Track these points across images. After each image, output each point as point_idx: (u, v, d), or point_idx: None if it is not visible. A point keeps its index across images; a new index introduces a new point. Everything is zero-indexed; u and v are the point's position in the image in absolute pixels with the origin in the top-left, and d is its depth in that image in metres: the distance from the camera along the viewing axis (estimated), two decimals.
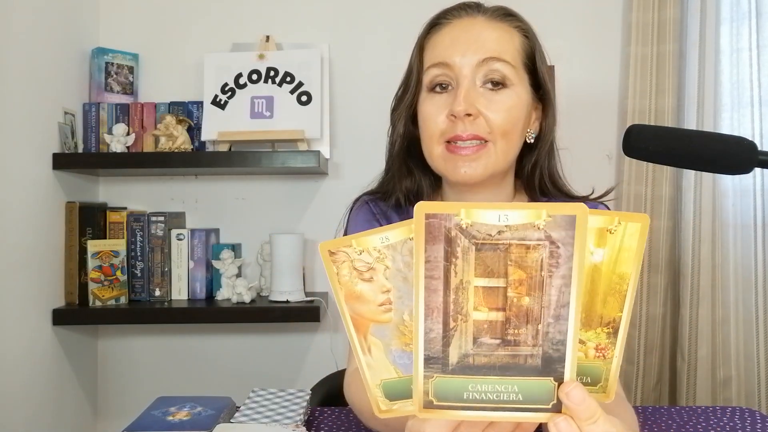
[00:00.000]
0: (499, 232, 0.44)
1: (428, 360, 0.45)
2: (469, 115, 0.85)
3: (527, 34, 0.93)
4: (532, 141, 0.94)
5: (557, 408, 0.45)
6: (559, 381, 0.45)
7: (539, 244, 0.43)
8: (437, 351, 0.45)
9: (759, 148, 0.66)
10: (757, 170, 1.01)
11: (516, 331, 0.45)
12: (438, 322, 0.45)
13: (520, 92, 0.89)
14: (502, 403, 0.45)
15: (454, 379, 0.45)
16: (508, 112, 0.87)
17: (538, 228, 0.43)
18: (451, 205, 0.44)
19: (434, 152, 0.90)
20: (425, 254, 0.44)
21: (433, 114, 0.89)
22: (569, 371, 0.44)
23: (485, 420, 0.47)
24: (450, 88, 0.89)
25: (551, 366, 0.44)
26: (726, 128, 1.83)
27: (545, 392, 0.45)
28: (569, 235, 0.43)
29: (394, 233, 0.49)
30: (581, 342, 0.47)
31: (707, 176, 1.80)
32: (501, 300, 0.44)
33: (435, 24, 0.94)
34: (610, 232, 0.47)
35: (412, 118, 0.96)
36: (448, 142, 0.88)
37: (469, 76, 0.87)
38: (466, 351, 0.45)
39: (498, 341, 0.45)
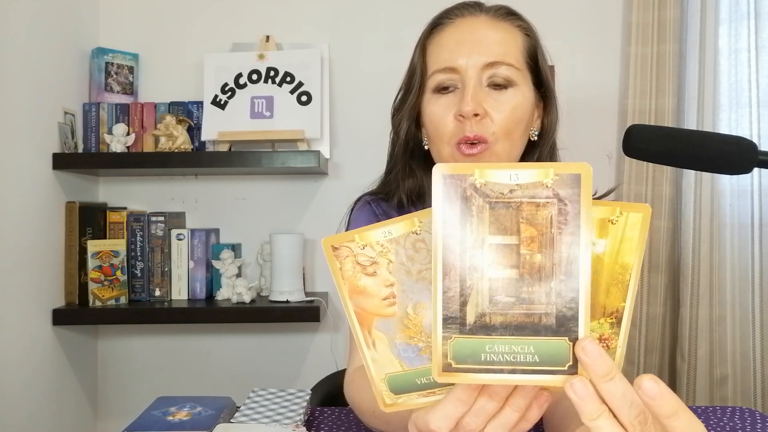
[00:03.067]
0: (511, 191, 0.45)
1: (446, 320, 0.46)
2: (476, 115, 0.86)
3: (529, 33, 0.93)
4: (536, 139, 0.95)
5: (573, 370, 0.45)
6: (574, 341, 0.45)
7: (548, 202, 0.45)
8: (455, 310, 0.46)
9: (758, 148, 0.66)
10: (755, 170, 1.01)
11: (530, 288, 0.45)
12: (456, 280, 0.46)
13: (524, 91, 0.90)
14: (519, 364, 0.45)
15: (471, 340, 0.46)
16: (512, 112, 0.88)
17: (547, 186, 0.45)
18: (467, 166, 0.46)
19: (444, 154, 0.90)
20: (442, 213, 0.46)
21: (441, 115, 0.89)
22: (583, 329, 0.45)
23: (503, 383, 0.47)
24: (455, 88, 0.89)
25: (565, 325, 0.45)
26: (724, 129, 1.84)
27: (561, 352, 0.45)
28: (575, 193, 0.45)
29: (397, 227, 0.49)
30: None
31: (707, 176, 1.81)
32: (515, 257, 0.45)
33: (437, 24, 0.94)
34: (612, 223, 0.47)
35: (415, 119, 0.96)
36: (458, 143, 0.88)
37: (475, 77, 0.87)
38: (482, 310, 0.46)
39: (513, 299, 0.46)
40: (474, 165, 0.46)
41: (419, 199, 0.99)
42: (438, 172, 0.46)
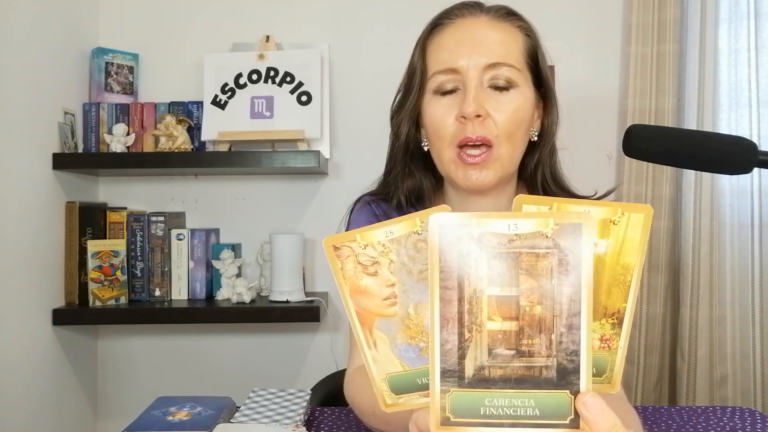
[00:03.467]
0: (510, 241, 0.45)
1: (444, 373, 0.46)
2: (478, 116, 0.86)
3: (529, 33, 0.93)
4: (536, 139, 0.95)
5: (575, 424, 0.45)
6: (575, 394, 0.45)
7: (548, 252, 0.44)
8: (453, 363, 0.46)
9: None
10: (755, 170, 1.01)
11: (530, 341, 0.45)
12: (453, 333, 0.45)
13: (525, 92, 0.90)
14: (519, 418, 0.45)
15: (470, 393, 0.45)
16: (514, 113, 0.87)
17: (546, 236, 0.44)
18: (464, 216, 0.45)
19: (445, 156, 0.90)
20: (440, 264, 0.45)
21: (442, 117, 0.89)
22: (585, 383, 0.44)
23: None
24: (456, 89, 0.89)
25: (566, 378, 0.45)
26: (724, 129, 1.83)
27: (562, 406, 0.45)
28: (576, 243, 0.44)
29: (398, 227, 0.49)
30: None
31: (707, 176, 1.81)
32: (514, 309, 0.45)
33: (437, 24, 0.94)
34: (614, 223, 0.47)
35: (415, 120, 0.95)
36: (459, 147, 0.87)
37: (476, 78, 0.87)
38: (481, 363, 0.45)
39: (513, 352, 0.45)
40: (472, 214, 0.45)
41: (418, 200, 0.99)
42: (434, 221, 0.45)
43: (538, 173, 0.96)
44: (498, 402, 0.45)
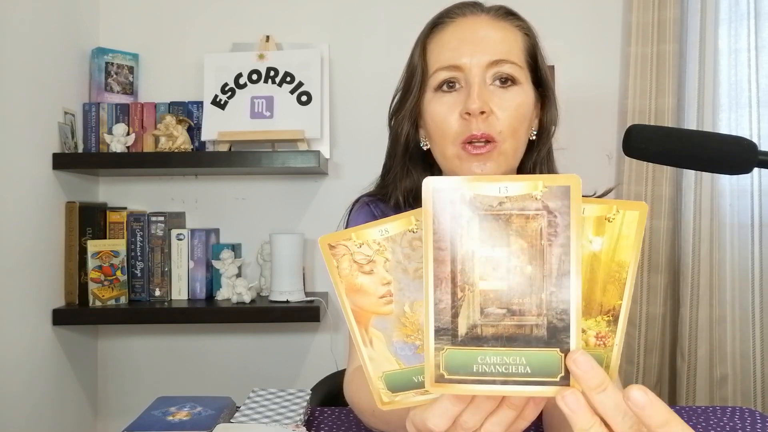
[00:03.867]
0: (500, 203, 0.46)
1: (438, 331, 0.47)
2: (483, 113, 0.86)
3: (528, 32, 0.94)
4: (534, 138, 0.95)
5: (565, 381, 0.45)
6: (565, 352, 0.45)
7: (538, 214, 0.45)
8: (447, 322, 0.46)
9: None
10: (755, 170, 1.01)
11: (520, 300, 0.46)
12: (447, 292, 0.46)
13: (526, 90, 0.90)
14: (510, 375, 0.46)
15: (463, 351, 0.46)
16: (517, 110, 0.88)
17: (536, 198, 0.45)
18: (456, 179, 0.46)
19: (448, 153, 0.90)
20: (433, 226, 0.46)
21: (445, 114, 0.89)
22: (575, 341, 0.45)
23: (495, 394, 0.47)
24: (458, 87, 0.89)
25: (557, 336, 0.45)
26: (724, 129, 1.83)
27: (552, 364, 0.45)
28: (565, 205, 0.45)
29: (394, 225, 0.50)
30: (582, 330, 0.47)
31: (707, 176, 1.81)
32: (505, 269, 0.46)
33: (437, 23, 0.94)
34: (609, 221, 0.47)
35: (414, 119, 0.95)
36: (464, 142, 0.87)
37: (480, 75, 0.87)
38: (474, 321, 0.46)
39: (504, 311, 0.46)
40: (463, 178, 0.46)
41: (416, 200, 0.98)
42: (428, 185, 0.46)
43: (536, 172, 0.96)
44: (490, 360, 0.46)
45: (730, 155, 0.67)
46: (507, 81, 0.88)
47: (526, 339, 0.46)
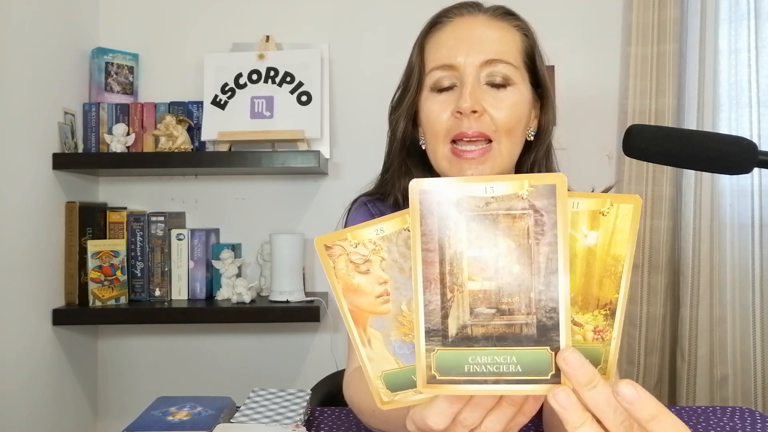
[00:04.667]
0: (487, 204, 0.46)
1: (429, 333, 0.47)
2: (474, 112, 0.86)
3: (527, 33, 0.94)
4: (532, 138, 0.95)
5: (556, 379, 0.45)
6: (556, 351, 0.45)
7: (524, 213, 0.45)
8: (437, 323, 0.47)
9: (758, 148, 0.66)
10: (755, 170, 1.01)
11: (509, 299, 0.46)
12: (436, 293, 0.46)
13: (522, 90, 0.90)
14: (501, 375, 0.46)
15: (454, 352, 0.46)
16: (511, 110, 0.88)
17: (522, 198, 0.45)
18: (443, 181, 0.46)
19: (439, 152, 0.90)
20: (421, 228, 0.46)
21: (438, 112, 0.89)
22: (564, 339, 0.45)
23: (488, 394, 0.47)
24: (453, 86, 0.89)
25: (546, 335, 0.45)
26: (724, 129, 1.83)
27: (543, 362, 0.46)
28: (551, 203, 0.45)
29: (389, 225, 0.50)
30: (579, 325, 0.48)
31: (707, 176, 1.81)
32: (493, 269, 0.46)
33: (436, 23, 0.94)
34: (603, 215, 0.48)
35: (412, 118, 0.96)
36: (453, 142, 0.88)
37: (473, 74, 0.87)
38: (464, 322, 0.46)
39: (493, 311, 0.46)
40: (449, 179, 0.46)
41: None
42: (414, 187, 0.46)
43: (533, 173, 0.96)
44: (481, 359, 0.46)
45: (730, 155, 0.67)
46: (501, 81, 0.88)
47: (516, 338, 0.46)
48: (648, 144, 0.70)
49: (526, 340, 0.46)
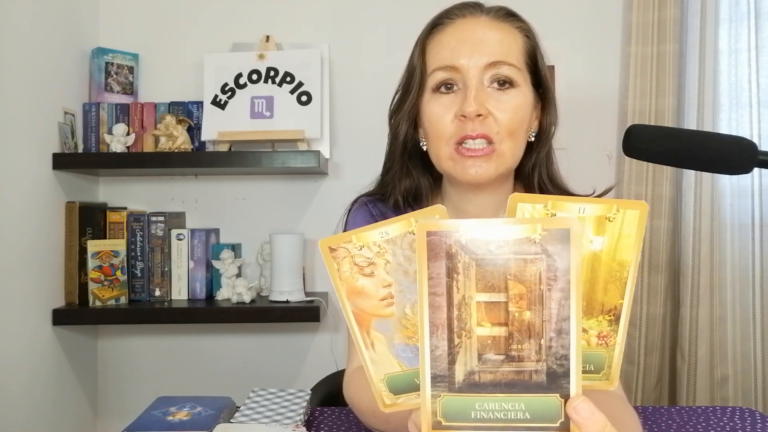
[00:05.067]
0: (498, 247, 0.45)
1: (435, 378, 0.46)
2: (479, 116, 0.85)
3: (528, 34, 0.93)
4: (533, 139, 0.95)
5: (565, 426, 0.45)
6: (565, 398, 0.45)
7: (536, 258, 0.44)
8: (443, 369, 0.46)
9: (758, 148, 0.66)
10: (755, 170, 1.01)
11: (519, 346, 0.45)
12: (443, 339, 0.46)
13: (525, 92, 0.90)
14: (509, 422, 0.45)
15: (461, 398, 0.46)
16: (515, 112, 0.88)
17: (535, 242, 0.44)
18: (451, 223, 0.45)
19: (442, 153, 0.90)
20: (428, 271, 0.45)
21: (441, 115, 0.89)
22: (575, 386, 0.44)
23: None
24: (455, 88, 0.89)
25: (556, 382, 0.45)
26: (724, 129, 1.83)
27: (552, 409, 0.45)
28: (565, 248, 0.44)
29: (394, 227, 0.49)
30: (583, 330, 0.47)
31: (707, 176, 1.81)
32: (503, 315, 0.45)
33: (437, 24, 0.94)
34: (609, 220, 0.47)
35: (413, 119, 0.95)
36: (457, 143, 0.87)
37: (477, 77, 0.87)
38: (471, 368, 0.46)
39: (502, 357, 0.45)
40: (458, 222, 0.45)
41: (416, 200, 0.99)
42: (421, 229, 0.45)
43: (535, 174, 0.96)
44: (489, 406, 0.45)
45: (730, 155, 0.67)
46: (505, 83, 0.88)
47: (525, 385, 0.45)
48: (648, 144, 0.70)
49: (536, 388, 0.45)
